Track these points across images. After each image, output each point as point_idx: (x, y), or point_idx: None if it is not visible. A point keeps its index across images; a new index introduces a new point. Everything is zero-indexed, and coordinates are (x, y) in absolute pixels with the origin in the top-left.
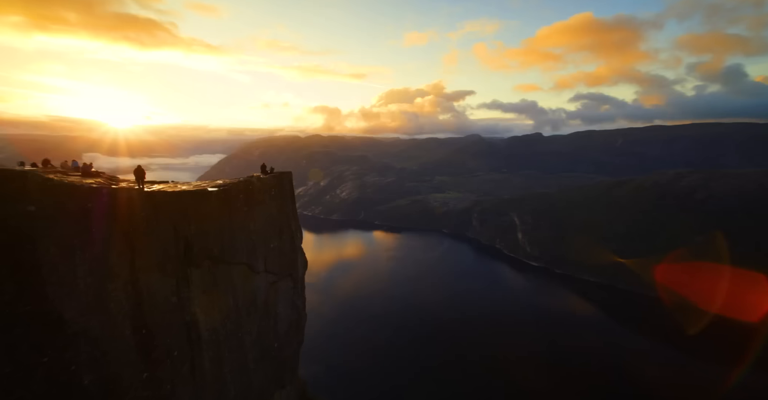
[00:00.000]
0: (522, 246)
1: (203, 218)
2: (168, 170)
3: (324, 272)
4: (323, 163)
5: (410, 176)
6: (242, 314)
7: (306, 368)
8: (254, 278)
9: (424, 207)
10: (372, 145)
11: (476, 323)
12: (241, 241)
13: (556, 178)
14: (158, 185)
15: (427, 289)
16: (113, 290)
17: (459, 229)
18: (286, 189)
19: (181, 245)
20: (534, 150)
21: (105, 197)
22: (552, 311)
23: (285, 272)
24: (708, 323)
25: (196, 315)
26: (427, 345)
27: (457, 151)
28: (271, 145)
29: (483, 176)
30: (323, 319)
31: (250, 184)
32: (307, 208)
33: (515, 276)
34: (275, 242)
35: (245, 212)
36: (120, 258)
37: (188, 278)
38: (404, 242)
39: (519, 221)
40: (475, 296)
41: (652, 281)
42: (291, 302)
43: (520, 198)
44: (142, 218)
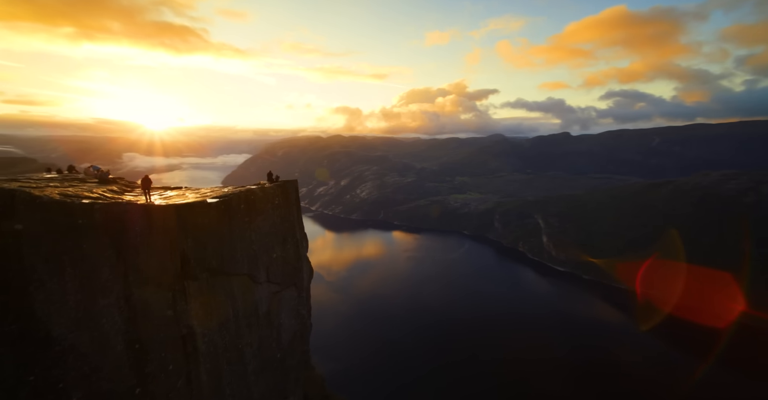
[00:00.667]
0: (547, 250)
1: (201, 230)
2: (198, 169)
3: (343, 271)
4: (344, 163)
5: (430, 176)
6: (242, 326)
7: (324, 365)
8: (256, 289)
9: (444, 208)
10: (392, 146)
11: (496, 326)
12: (241, 252)
13: (585, 180)
14: (171, 191)
15: (446, 290)
16: (105, 306)
17: (480, 230)
18: (291, 197)
19: (177, 259)
20: (561, 150)
21: (96, 213)
22: (577, 317)
23: (289, 282)
24: (760, 342)
25: (193, 328)
26: (445, 346)
27: (479, 151)
28: (293, 146)
29: (506, 177)
30: (342, 317)
31: (252, 194)
32: (328, 207)
33: (539, 280)
34: (278, 251)
35: (246, 223)
36: (112, 273)
37: (185, 290)
38: (423, 243)
39: (544, 224)
40: (495, 299)
41: (692, 289)
42: (295, 312)
43: (546, 200)
44: (136, 232)
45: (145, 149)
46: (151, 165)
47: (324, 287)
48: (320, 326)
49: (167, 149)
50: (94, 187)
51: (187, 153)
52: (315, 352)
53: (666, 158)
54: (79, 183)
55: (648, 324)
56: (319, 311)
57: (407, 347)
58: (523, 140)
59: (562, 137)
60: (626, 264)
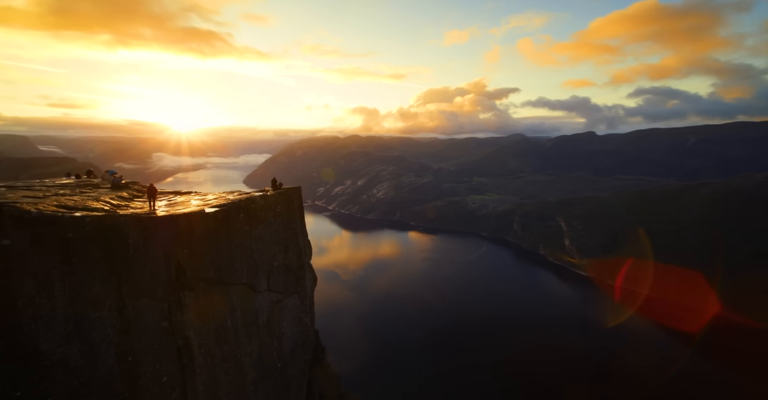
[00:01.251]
0: (569, 253)
1: (198, 240)
2: (221, 169)
3: (359, 271)
4: (361, 164)
5: (447, 177)
6: (241, 335)
7: (339, 364)
8: (256, 298)
9: (462, 209)
10: (409, 146)
11: (513, 329)
12: (240, 261)
13: (611, 181)
14: (181, 196)
15: (463, 292)
16: (96, 319)
17: (498, 232)
18: (294, 205)
19: (172, 270)
20: (585, 150)
21: (88, 227)
22: (598, 323)
23: (291, 290)
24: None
25: (189, 339)
26: (460, 347)
27: (498, 151)
28: (311, 146)
29: (526, 178)
30: (358, 316)
31: (252, 203)
32: (345, 207)
33: (560, 284)
34: (280, 259)
35: (246, 232)
36: (104, 286)
37: (181, 301)
38: (440, 244)
39: (566, 227)
40: (513, 302)
41: (731, 300)
42: (298, 320)
43: (568, 201)
44: (129, 245)
45: (173, 149)
46: (178, 164)
47: (340, 285)
48: (336, 325)
49: (193, 149)
50: (102, 195)
51: (211, 153)
52: (330, 350)
53: (702, 159)
54: (91, 189)
55: (687, 335)
56: (335, 309)
57: (422, 348)
58: (544, 140)
59: (587, 137)
60: (656, 271)
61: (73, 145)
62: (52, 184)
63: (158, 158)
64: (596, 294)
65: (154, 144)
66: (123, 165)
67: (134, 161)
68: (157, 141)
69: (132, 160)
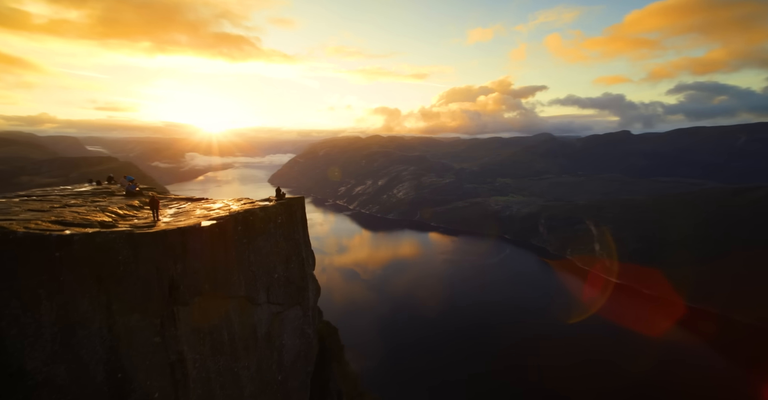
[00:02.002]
0: (600, 259)
1: (193, 255)
2: (248, 168)
3: (379, 270)
4: (381, 163)
5: (470, 177)
6: (239, 348)
7: (358, 363)
8: (254, 310)
9: (484, 210)
10: (431, 146)
11: (536, 335)
12: (238, 274)
13: (648, 183)
14: (191, 203)
15: (484, 295)
16: (84, 336)
17: (522, 235)
18: (297, 215)
19: (165, 285)
20: (619, 150)
21: (75, 245)
22: (630, 332)
23: (293, 301)
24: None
25: (183, 353)
26: (479, 350)
27: (524, 151)
28: (333, 146)
29: (553, 179)
30: (377, 315)
31: (251, 215)
32: (365, 206)
33: (589, 291)
34: (281, 271)
35: (244, 244)
36: (93, 304)
37: (174, 316)
38: (461, 246)
39: (596, 231)
40: (537, 307)
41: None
42: (300, 332)
43: (599, 204)
44: (118, 261)
45: (204, 149)
46: (208, 164)
47: (359, 284)
48: (355, 323)
49: (222, 149)
50: (112, 204)
51: (238, 153)
52: (349, 349)
53: (755, 160)
54: (104, 197)
55: (728, 348)
56: (354, 307)
57: (441, 350)
58: (573, 139)
59: (621, 136)
60: (699, 279)
61: (116, 145)
62: (70, 192)
63: (191, 158)
64: (631, 303)
65: (188, 144)
66: (159, 164)
67: (169, 161)
68: (190, 141)
69: (167, 159)
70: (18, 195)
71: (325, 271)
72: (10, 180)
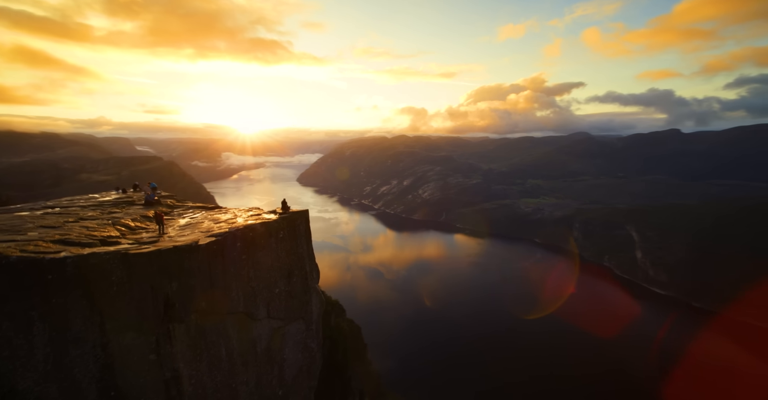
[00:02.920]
0: (642, 267)
1: (189, 273)
2: (278, 167)
3: (403, 271)
4: (407, 163)
5: (498, 178)
6: (237, 364)
7: (380, 363)
8: (254, 326)
9: (513, 212)
10: (458, 146)
11: (566, 343)
12: (237, 290)
13: (702, 187)
14: (204, 212)
15: (512, 300)
16: (77, 356)
17: (554, 239)
18: (300, 229)
19: (159, 304)
20: (666, 150)
21: (68, 267)
22: (677, 348)
23: (295, 316)
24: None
25: (178, 370)
26: (504, 355)
27: (557, 151)
28: (360, 146)
29: (589, 181)
30: (400, 316)
31: (251, 231)
32: (390, 206)
33: (628, 302)
34: (282, 286)
35: (243, 260)
36: (86, 323)
37: (170, 333)
38: (488, 249)
39: (639, 237)
40: (569, 314)
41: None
42: (302, 346)
43: (643, 209)
44: (112, 282)
45: (238, 149)
46: (242, 163)
47: (383, 284)
48: (378, 323)
49: (255, 149)
50: (127, 216)
51: (270, 153)
52: (372, 348)
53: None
54: (122, 208)
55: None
56: (378, 307)
57: (463, 353)
58: (614, 139)
59: (670, 135)
60: (763, 294)
61: (161, 145)
62: (93, 202)
63: (226, 157)
64: (680, 317)
65: (223, 144)
66: (198, 163)
67: (207, 160)
68: (225, 142)
69: (205, 158)
70: (45, 206)
71: (349, 269)
72: (72, 177)
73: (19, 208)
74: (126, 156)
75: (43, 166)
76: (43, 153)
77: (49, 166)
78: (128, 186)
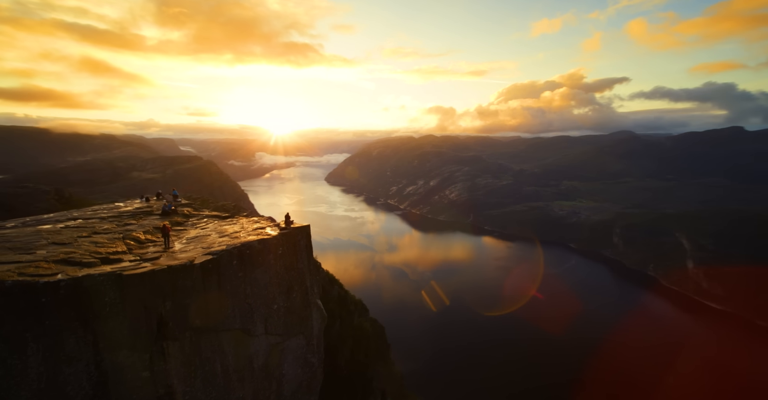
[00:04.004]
0: (693, 279)
1: (183, 292)
2: (307, 167)
3: (428, 272)
4: (434, 164)
5: (530, 180)
6: (233, 380)
7: (404, 365)
8: (251, 342)
9: (546, 215)
10: (487, 145)
11: (602, 356)
12: (233, 307)
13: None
14: (217, 222)
15: (543, 307)
16: (71, 374)
17: (592, 245)
18: (300, 244)
19: (153, 323)
20: (727, 150)
21: (62, 290)
22: (740, 368)
23: (294, 331)
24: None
25: (172, 387)
26: (531, 361)
27: (597, 151)
28: (387, 146)
29: (633, 183)
30: (424, 318)
31: (248, 249)
32: (416, 206)
33: (677, 315)
34: (281, 302)
35: (240, 278)
36: (79, 343)
37: (164, 351)
38: (517, 253)
39: (690, 245)
40: (605, 325)
41: None
42: (303, 361)
43: (695, 214)
44: (105, 303)
45: (271, 149)
46: (274, 162)
47: (408, 284)
48: (401, 323)
49: (287, 149)
50: (140, 228)
51: (300, 153)
52: (395, 348)
53: None
54: (139, 219)
55: None
56: (401, 306)
57: (489, 359)
58: (662, 138)
59: (731, 133)
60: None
61: (201, 145)
62: (113, 213)
63: (259, 157)
64: (743, 337)
65: (257, 145)
66: (234, 162)
67: (242, 159)
68: (259, 142)
69: (240, 158)
70: (70, 218)
71: (374, 268)
72: (125, 175)
73: (48, 219)
74: (171, 156)
75: (102, 164)
76: (101, 153)
77: (106, 164)
78: (166, 190)
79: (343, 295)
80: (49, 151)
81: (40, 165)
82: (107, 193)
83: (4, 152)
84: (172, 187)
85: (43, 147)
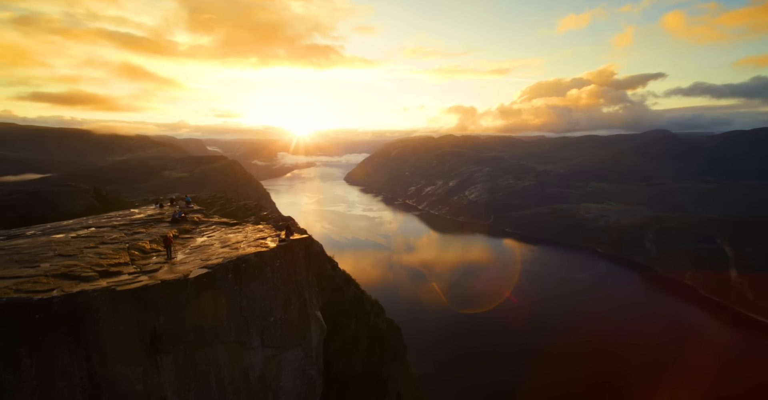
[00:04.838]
0: (737, 289)
1: (177, 306)
2: (327, 167)
3: (446, 274)
4: (453, 164)
5: (554, 181)
6: (228, 392)
7: (421, 367)
8: (246, 354)
9: (571, 218)
10: (509, 145)
11: (632, 370)
12: (228, 321)
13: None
14: (223, 229)
15: (567, 314)
16: (64, 388)
17: (621, 250)
18: (298, 257)
19: (146, 337)
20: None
21: (55, 307)
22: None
23: (292, 343)
24: None
25: (165, 399)
26: (551, 370)
27: (628, 151)
28: (406, 146)
29: (668, 185)
30: (440, 319)
31: (244, 262)
32: (434, 207)
33: (718, 328)
34: (278, 314)
35: (236, 291)
36: (73, 357)
37: (158, 364)
38: (540, 257)
39: (734, 253)
40: (636, 336)
41: None
42: (301, 373)
43: (740, 219)
44: (99, 318)
45: (292, 149)
46: (295, 162)
47: (425, 286)
48: (418, 325)
49: (307, 149)
50: (147, 237)
51: (320, 153)
52: (411, 349)
53: None
54: (147, 228)
55: None
56: (418, 307)
57: (509, 364)
58: (702, 137)
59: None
60: None
61: (227, 146)
62: (125, 221)
63: (281, 157)
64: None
65: (279, 145)
66: (257, 162)
67: (264, 159)
68: (281, 143)
69: (263, 158)
70: (84, 226)
71: (392, 268)
72: (157, 174)
73: (64, 227)
74: (198, 156)
75: (136, 164)
76: (136, 153)
77: (140, 164)
78: (190, 190)
79: (359, 295)
80: (91, 151)
81: (84, 163)
82: (140, 191)
83: (55, 152)
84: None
85: (87, 147)
